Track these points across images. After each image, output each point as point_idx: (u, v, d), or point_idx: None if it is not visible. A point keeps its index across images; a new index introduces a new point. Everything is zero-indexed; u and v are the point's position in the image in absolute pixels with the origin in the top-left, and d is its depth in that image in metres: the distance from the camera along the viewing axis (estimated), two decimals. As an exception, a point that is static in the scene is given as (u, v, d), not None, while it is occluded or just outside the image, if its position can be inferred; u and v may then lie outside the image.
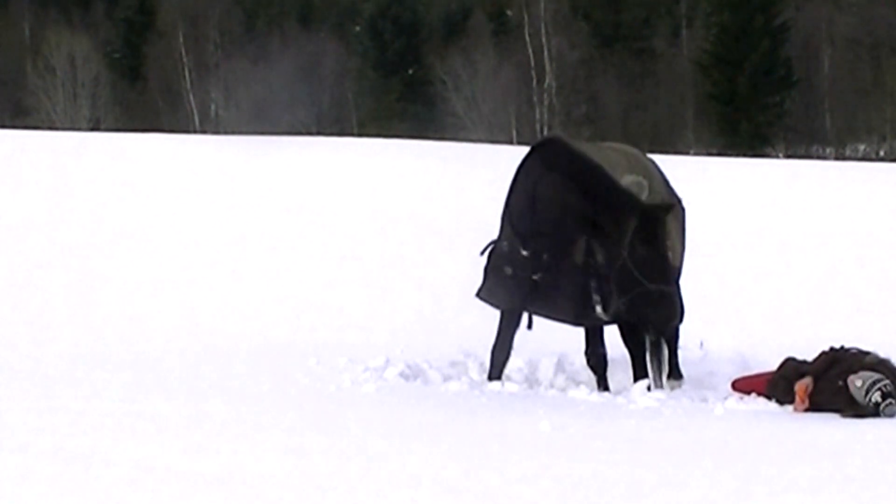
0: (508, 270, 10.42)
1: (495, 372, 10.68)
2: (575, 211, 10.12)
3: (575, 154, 10.41)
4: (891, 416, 9.54)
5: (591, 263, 10.27)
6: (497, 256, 10.55)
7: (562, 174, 10.24)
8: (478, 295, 10.76)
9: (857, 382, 9.65)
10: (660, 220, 9.96)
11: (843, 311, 14.13)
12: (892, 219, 19.75)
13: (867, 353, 9.99)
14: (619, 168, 10.63)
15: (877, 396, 9.58)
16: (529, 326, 10.82)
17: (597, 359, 10.65)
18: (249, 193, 22.11)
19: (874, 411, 9.58)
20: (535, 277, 10.32)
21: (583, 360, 11.07)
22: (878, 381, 9.62)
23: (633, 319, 10.28)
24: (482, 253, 10.76)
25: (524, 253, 10.29)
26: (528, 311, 10.60)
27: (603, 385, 10.60)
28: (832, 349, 10.23)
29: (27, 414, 8.49)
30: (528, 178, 10.39)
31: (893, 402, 9.57)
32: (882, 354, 10.10)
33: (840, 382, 9.79)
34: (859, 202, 21.30)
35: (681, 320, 10.22)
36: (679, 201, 11.01)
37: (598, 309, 10.21)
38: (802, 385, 9.97)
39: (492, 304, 10.73)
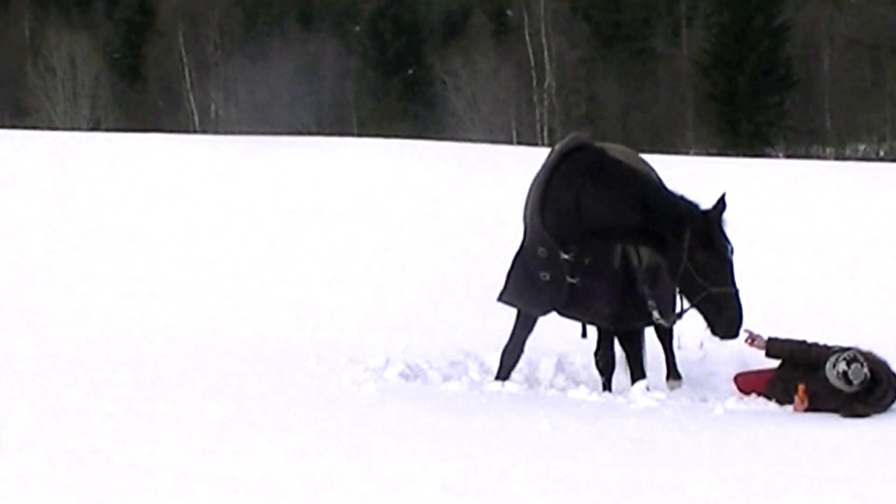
0: (546, 276, 10.36)
1: (503, 373, 10.68)
2: (622, 221, 10.11)
3: (614, 162, 10.38)
4: (859, 377, 9.75)
5: (631, 268, 10.30)
6: (531, 262, 10.47)
7: (607, 185, 10.19)
8: (500, 299, 10.73)
9: (827, 366, 9.88)
10: (715, 223, 9.97)
11: (843, 311, 14.14)
12: (892, 219, 19.75)
13: (847, 349, 10.04)
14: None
15: (842, 366, 9.83)
16: (584, 335, 10.85)
17: (605, 361, 10.67)
18: (249, 193, 22.11)
19: (846, 382, 9.77)
20: (572, 281, 10.31)
21: (583, 359, 11.09)
22: (841, 353, 9.89)
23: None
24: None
25: (565, 256, 10.26)
26: (560, 314, 10.60)
27: (607, 387, 10.62)
28: (811, 343, 10.33)
29: (27, 414, 8.49)
30: (568, 186, 10.26)
31: (859, 364, 9.80)
32: (879, 354, 10.15)
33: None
34: (859, 202, 21.30)
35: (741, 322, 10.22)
36: None
37: (655, 314, 10.26)
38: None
39: (518, 307, 10.70)
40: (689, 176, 12.87)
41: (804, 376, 10.08)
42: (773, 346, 10.42)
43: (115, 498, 6.33)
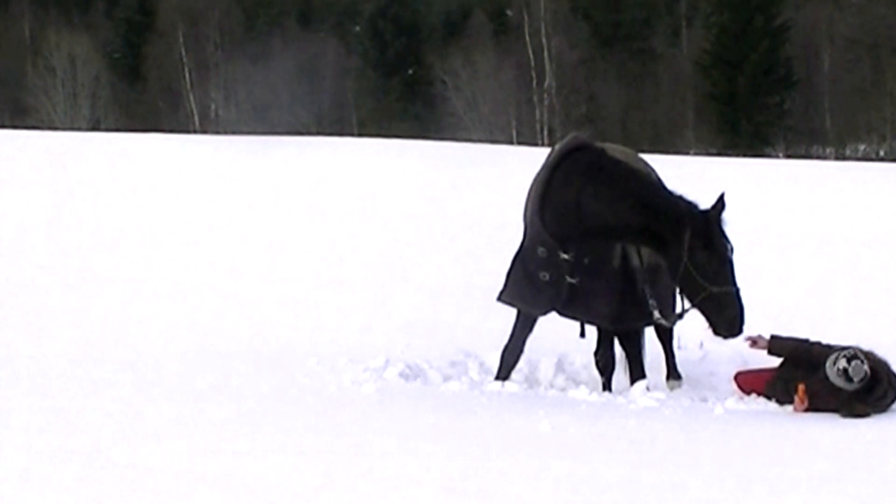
0: (545, 276, 10.36)
1: (503, 373, 10.69)
2: (622, 221, 10.10)
3: (614, 162, 10.38)
4: (859, 374, 9.76)
5: (631, 268, 10.30)
6: (531, 262, 10.46)
7: (607, 185, 10.19)
8: (500, 299, 10.73)
9: (827, 364, 9.89)
10: (715, 223, 9.97)
11: (843, 311, 14.13)
12: (892, 219, 19.73)
13: (846, 348, 10.05)
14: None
15: (842, 363, 9.84)
16: (582, 335, 10.85)
17: (605, 361, 10.67)
18: (249, 193, 22.08)
19: (846, 379, 9.78)
20: (572, 281, 10.31)
21: (583, 359, 11.09)
22: (841, 350, 9.90)
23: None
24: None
25: (564, 256, 10.26)
26: (560, 314, 10.60)
27: (607, 387, 10.62)
28: (813, 342, 10.33)
29: (27, 414, 8.49)
30: (568, 186, 10.28)
31: (860, 361, 9.81)
32: (880, 354, 10.15)
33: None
34: (859, 202, 21.28)
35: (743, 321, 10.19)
36: None
37: (657, 314, 10.26)
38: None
39: (518, 307, 10.69)
40: (689, 176, 12.87)
41: (805, 376, 10.07)
42: (774, 344, 10.43)
43: (115, 498, 6.33)
